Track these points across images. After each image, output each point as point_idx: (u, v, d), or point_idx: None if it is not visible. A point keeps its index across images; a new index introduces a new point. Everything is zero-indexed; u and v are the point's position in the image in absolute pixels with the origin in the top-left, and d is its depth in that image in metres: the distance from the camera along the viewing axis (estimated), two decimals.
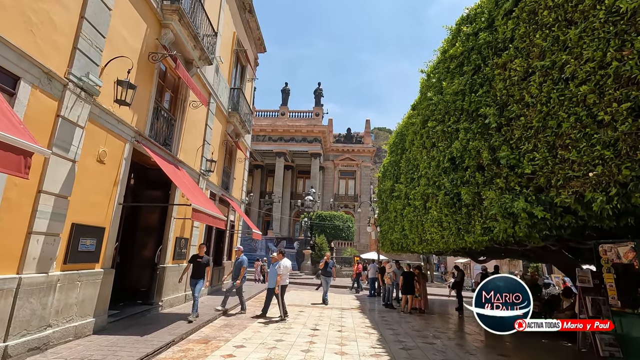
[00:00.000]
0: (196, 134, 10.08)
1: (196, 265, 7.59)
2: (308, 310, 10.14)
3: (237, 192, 15.03)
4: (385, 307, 11.63)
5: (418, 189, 8.58)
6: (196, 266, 7.59)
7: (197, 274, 7.54)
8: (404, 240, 10.50)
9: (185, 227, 9.57)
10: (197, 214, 6.63)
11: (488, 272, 17.44)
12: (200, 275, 7.53)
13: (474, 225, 5.79)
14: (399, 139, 11.57)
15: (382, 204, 14.23)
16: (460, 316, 10.98)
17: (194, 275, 7.55)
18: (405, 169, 10.26)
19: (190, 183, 8.67)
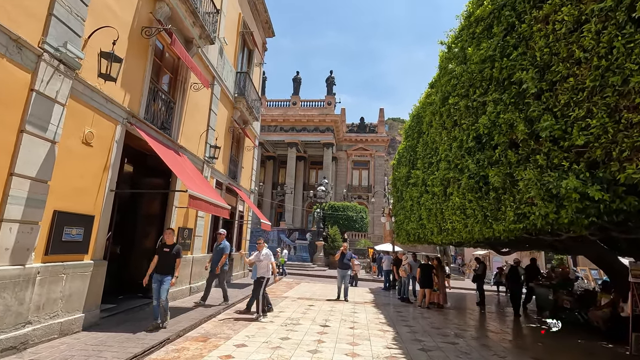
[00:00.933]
0: (199, 119, 9.55)
1: (162, 257, 5.80)
2: (319, 304, 9.58)
3: (245, 182, 14.53)
4: (400, 301, 10.98)
5: (437, 174, 7.82)
6: (162, 257, 5.80)
7: (163, 268, 5.75)
8: (421, 231, 9.77)
9: (188, 216, 9.10)
10: (195, 201, 6.09)
11: (511, 265, 16.48)
12: (167, 269, 5.76)
13: (504, 211, 5.04)
14: (415, 122, 10.75)
15: (397, 193, 13.48)
16: (482, 312, 10.23)
17: (158, 269, 5.76)
18: (422, 153, 9.48)
19: (192, 170, 8.16)
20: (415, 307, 10.00)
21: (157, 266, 5.78)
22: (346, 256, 10.37)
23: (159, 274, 5.75)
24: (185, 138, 8.66)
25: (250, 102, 13.23)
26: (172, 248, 5.91)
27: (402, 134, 12.47)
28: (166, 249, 5.88)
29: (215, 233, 11.25)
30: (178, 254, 5.93)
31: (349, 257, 10.44)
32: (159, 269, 5.78)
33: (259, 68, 16.13)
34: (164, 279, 5.71)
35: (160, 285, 5.68)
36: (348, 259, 10.40)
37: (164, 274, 5.74)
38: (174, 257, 5.86)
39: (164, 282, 5.69)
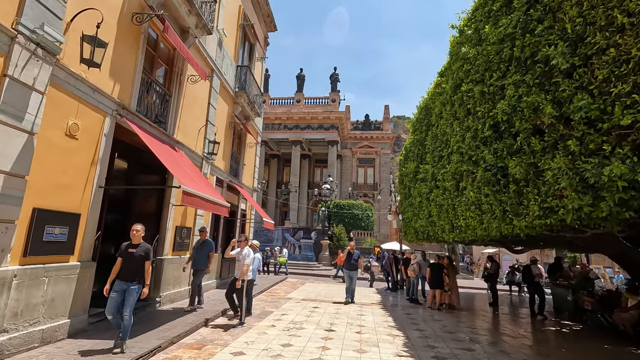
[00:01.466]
0: (197, 114, 9.15)
1: (127, 259, 4.58)
2: (324, 306, 9.14)
3: (248, 179, 14.14)
4: (409, 302, 10.50)
5: (448, 167, 7.33)
6: (127, 260, 4.57)
7: (128, 273, 4.53)
8: (430, 228, 9.28)
9: (187, 215, 8.71)
10: (190, 197, 5.68)
11: (522, 264, 15.77)
12: (133, 275, 4.54)
13: (527, 206, 4.55)
14: (423, 115, 10.25)
15: (404, 189, 12.98)
16: (496, 313, 9.71)
17: (122, 274, 4.54)
18: (431, 146, 8.98)
19: (189, 166, 7.76)
20: (425, 309, 9.51)
21: (121, 271, 4.58)
22: (353, 256, 9.70)
23: (122, 280, 4.52)
24: (182, 133, 8.27)
25: (251, 97, 12.82)
26: (139, 248, 4.66)
27: (410, 128, 11.98)
28: (131, 249, 4.65)
29: (214, 232, 10.87)
30: (147, 255, 4.68)
31: (357, 257, 9.72)
32: (122, 275, 4.55)
33: (260, 63, 15.72)
34: (129, 288, 4.50)
35: (123, 295, 4.47)
36: (355, 259, 9.69)
37: (128, 280, 4.54)
38: (141, 260, 4.63)
39: (129, 292, 4.48)
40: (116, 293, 4.48)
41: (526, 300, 13.14)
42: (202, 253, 7.39)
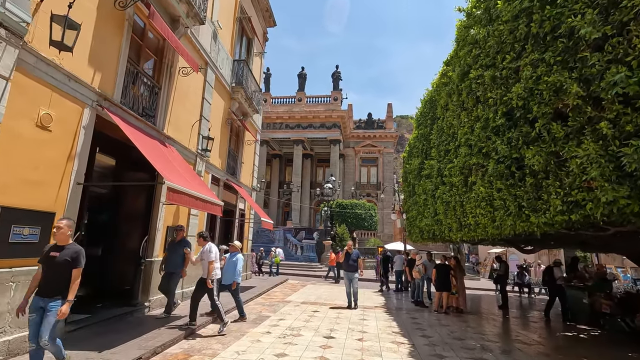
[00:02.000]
0: (190, 108, 8.72)
1: (48, 267, 3.46)
2: (324, 310, 8.68)
3: (246, 178, 13.71)
4: (414, 305, 10.00)
5: (456, 161, 6.84)
6: (48, 268, 3.45)
7: (49, 287, 3.42)
8: (436, 227, 8.77)
9: (179, 214, 8.29)
10: (176, 195, 5.25)
11: (530, 264, 15.13)
12: (54, 288, 3.43)
13: (547, 200, 4.06)
14: (427, 108, 9.76)
15: (408, 187, 12.48)
16: (507, 317, 9.19)
17: (41, 288, 3.42)
18: (437, 141, 8.49)
19: (180, 162, 7.34)
20: (430, 312, 9.01)
21: (40, 284, 3.44)
22: (352, 256, 8.96)
23: (41, 296, 3.39)
24: (173, 128, 7.84)
25: (249, 92, 12.39)
26: (64, 251, 3.50)
27: (413, 123, 11.49)
28: (54, 252, 3.48)
29: (212, 234, 10.43)
30: (75, 261, 3.50)
31: (355, 257, 8.96)
32: (41, 289, 3.42)
33: (259, 59, 15.30)
34: (48, 306, 3.35)
35: (43, 315, 3.34)
36: (354, 259, 8.96)
37: (48, 296, 3.39)
38: (66, 267, 3.45)
39: (48, 312, 3.34)
40: (35, 313, 3.35)
41: (536, 303, 12.60)
42: (177, 254, 6.67)
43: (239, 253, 6.81)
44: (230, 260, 6.67)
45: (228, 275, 6.61)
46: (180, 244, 6.72)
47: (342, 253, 9.20)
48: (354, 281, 9.01)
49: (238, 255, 6.75)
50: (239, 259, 6.70)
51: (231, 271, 6.62)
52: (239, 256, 6.75)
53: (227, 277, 6.61)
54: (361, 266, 9.02)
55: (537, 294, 15.06)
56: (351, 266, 8.96)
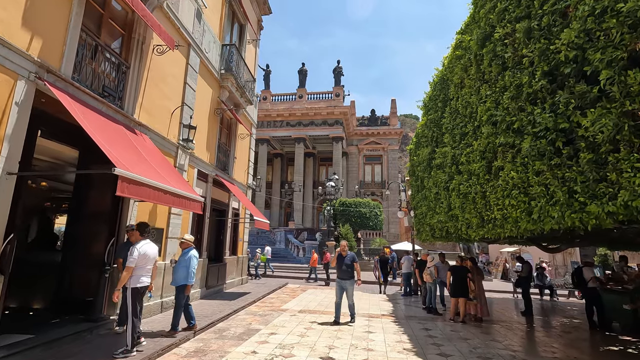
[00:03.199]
0: (168, 93, 7.72)
1: None
2: (324, 320, 7.60)
3: (240, 175, 12.69)
4: (426, 312, 8.89)
5: (476, 144, 5.76)
6: None
7: None
8: (451, 224, 7.67)
9: (157, 213, 7.27)
10: (132, 186, 4.23)
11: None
12: None
13: (616, 181, 2.96)
14: (438, 90, 8.67)
15: (416, 182, 11.38)
16: (534, 325, 8.05)
17: None
18: (450, 125, 7.40)
19: (152, 153, 6.32)
20: (445, 321, 7.90)
21: None
22: (346, 259, 7.20)
23: None
24: (147, 114, 6.84)
25: (241, 81, 11.38)
26: None
27: (422, 109, 10.40)
28: None
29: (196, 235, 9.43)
30: None
31: (351, 260, 7.19)
32: None
33: (253, 47, 14.29)
34: None
35: None
36: (349, 263, 7.17)
37: None
38: None
39: None
40: None
41: (562, 307, 11.42)
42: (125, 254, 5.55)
43: (192, 249, 5.77)
44: (182, 259, 5.65)
45: (179, 276, 5.58)
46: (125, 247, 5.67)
47: (334, 256, 7.43)
48: (348, 291, 7.20)
49: (191, 253, 5.72)
50: (191, 256, 5.67)
51: (183, 272, 5.58)
52: (192, 253, 5.71)
53: (177, 278, 5.60)
54: (359, 273, 7.22)
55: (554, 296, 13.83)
56: (345, 272, 7.16)
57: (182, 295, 5.59)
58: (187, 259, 5.61)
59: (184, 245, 5.74)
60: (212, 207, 10.31)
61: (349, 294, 7.24)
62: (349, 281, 7.18)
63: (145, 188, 4.52)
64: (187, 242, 5.75)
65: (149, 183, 4.56)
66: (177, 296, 5.63)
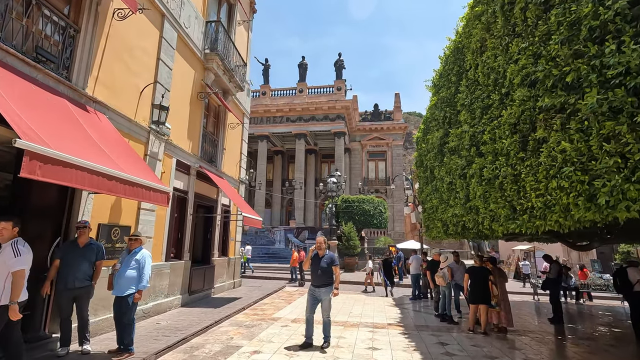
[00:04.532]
0: (137, 69, 6.62)
1: None
2: (320, 332, 6.47)
3: (230, 168, 11.58)
4: (440, 320, 7.72)
5: (505, 114, 4.58)
6: None
7: None
8: (468, 218, 6.48)
9: (121, 208, 6.17)
10: (49, 167, 3.13)
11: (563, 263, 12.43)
12: None
13: None
14: (450, 64, 7.48)
15: (424, 172, 10.20)
16: (570, 337, 6.84)
17: None
18: (467, 99, 6.22)
19: (109, 136, 5.22)
20: (463, 332, 6.73)
21: None
22: (323, 261, 5.37)
23: None
24: (105, 89, 5.74)
25: (229, 64, 10.27)
26: None
27: (430, 90, 9.21)
28: None
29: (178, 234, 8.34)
30: None
31: (328, 262, 5.37)
32: None
33: (245, 30, 13.18)
34: None
35: None
36: (325, 266, 5.33)
37: None
38: None
39: None
40: None
41: (592, 312, 10.18)
42: (86, 261, 4.46)
43: (142, 249, 4.65)
44: (131, 260, 4.54)
45: (126, 282, 4.43)
46: (89, 250, 4.54)
47: (308, 256, 5.61)
48: (323, 303, 5.37)
49: (145, 252, 4.62)
50: (145, 256, 4.57)
51: (131, 276, 4.46)
52: (144, 253, 4.59)
53: (123, 284, 4.43)
54: (338, 279, 5.43)
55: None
56: (320, 277, 5.34)
57: (132, 307, 4.46)
58: (139, 259, 4.50)
59: (134, 243, 4.62)
60: (196, 203, 9.22)
61: (324, 307, 5.38)
62: (324, 289, 5.33)
63: (74, 170, 3.41)
64: (137, 240, 4.63)
65: (78, 164, 3.45)
66: (123, 309, 4.44)
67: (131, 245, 4.62)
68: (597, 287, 11.22)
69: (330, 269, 5.39)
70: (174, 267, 7.84)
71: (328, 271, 5.38)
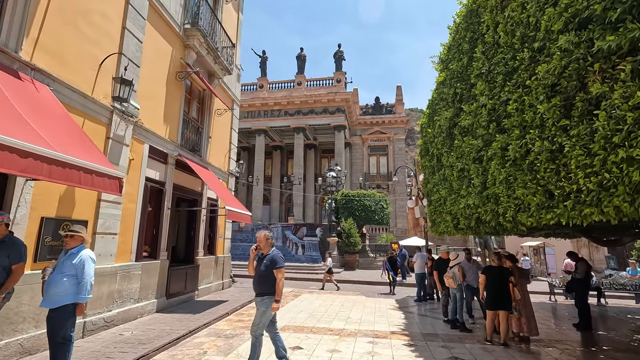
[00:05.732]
0: (95, 36, 5.65)
1: None
2: (311, 342, 5.53)
3: (218, 159, 10.62)
4: (450, 327, 6.75)
5: (542, 70, 3.58)
6: None
7: None
8: (484, 209, 5.49)
9: (76, 199, 5.22)
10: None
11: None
12: None
13: None
14: (462, 31, 6.46)
15: (430, 161, 9.21)
16: (604, 348, 5.86)
17: None
18: (485, 67, 5.20)
19: (44, 110, 4.26)
20: (479, 343, 5.77)
21: None
22: (265, 260, 4.12)
23: None
24: (50, 57, 4.78)
25: (214, 43, 9.29)
26: None
27: (437, 68, 8.18)
28: None
29: None
30: None
31: (268, 265, 4.08)
32: None
33: (235, 11, 12.18)
34: None
35: None
36: (262, 269, 4.09)
37: None
38: None
39: None
40: None
41: (616, 314, 9.17)
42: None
43: (83, 248, 3.66)
44: (67, 264, 3.52)
45: (61, 291, 3.42)
46: (4, 247, 3.55)
47: (251, 254, 4.25)
48: (256, 313, 4.08)
49: (84, 253, 3.60)
50: (85, 259, 3.55)
51: (68, 284, 3.45)
52: (86, 254, 3.60)
53: (55, 294, 3.42)
54: (279, 289, 4.02)
55: None
56: (257, 283, 4.13)
57: (67, 322, 3.49)
58: (75, 264, 3.52)
59: (71, 241, 3.63)
60: (176, 196, 8.27)
61: (254, 319, 4.07)
62: (260, 300, 4.05)
63: None
64: (77, 236, 3.65)
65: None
66: (56, 324, 3.46)
67: (67, 243, 3.64)
68: (619, 287, 10.21)
69: (270, 274, 4.03)
70: (147, 267, 6.90)
71: (267, 276, 4.03)
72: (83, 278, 3.48)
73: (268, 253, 4.20)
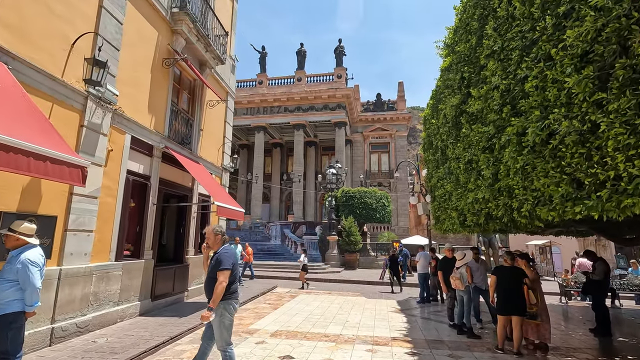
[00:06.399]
0: (66, 13, 5.14)
1: None
2: (304, 350, 5.00)
3: (210, 153, 10.10)
4: (457, 332, 6.21)
5: (571, 35, 3.03)
6: None
7: None
8: (495, 204, 4.95)
9: (42, 192, 4.71)
10: None
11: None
12: None
13: None
14: (469, 9, 5.90)
15: (434, 155, 8.66)
16: (628, 357, 5.31)
17: None
18: (498, 44, 4.64)
19: (9, 93, 3.75)
20: (489, 351, 5.23)
21: None
22: (213, 259, 3.48)
23: None
24: (9, 33, 4.27)
25: (206, 30, 8.76)
26: None
27: (442, 54, 7.62)
28: None
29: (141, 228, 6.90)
30: None
31: (214, 264, 3.42)
32: None
33: (230, 0, 11.63)
34: None
35: None
36: (214, 265, 3.41)
37: None
38: None
39: None
40: None
41: (633, 317, 8.61)
42: None
43: (31, 249, 3.13)
44: (6, 268, 3.02)
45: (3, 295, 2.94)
46: None
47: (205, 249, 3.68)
48: (222, 328, 3.41)
49: (27, 255, 3.06)
50: (26, 263, 3.01)
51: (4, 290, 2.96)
52: (28, 256, 3.06)
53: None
54: (218, 291, 3.24)
55: None
56: (207, 286, 3.47)
57: (11, 333, 2.97)
58: (16, 268, 2.99)
59: (10, 241, 3.11)
60: (163, 191, 7.76)
61: (216, 335, 3.45)
62: (218, 310, 3.34)
63: None
64: (16, 236, 3.11)
65: None
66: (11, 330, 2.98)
67: (7, 244, 3.11)
68: (635, 287, 9.64)
69: (218, 268, 3.35)
70: (128, 267, 6.39)
71: (214, 278, 3.36)
72: (25, 285, 2.96)
73: (216, 251, 3.53)
